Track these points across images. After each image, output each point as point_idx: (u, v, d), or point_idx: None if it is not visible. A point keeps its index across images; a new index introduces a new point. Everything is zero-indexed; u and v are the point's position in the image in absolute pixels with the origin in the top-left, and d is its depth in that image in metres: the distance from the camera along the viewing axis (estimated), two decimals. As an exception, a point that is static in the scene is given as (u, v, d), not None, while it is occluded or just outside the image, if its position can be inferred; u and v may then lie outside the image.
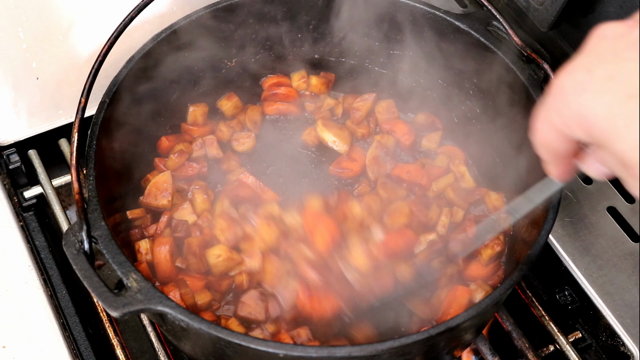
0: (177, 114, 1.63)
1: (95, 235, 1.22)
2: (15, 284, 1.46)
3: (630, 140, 0.78)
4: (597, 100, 0.81)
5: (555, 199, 1.28)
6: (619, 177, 0.85)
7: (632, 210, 1.59)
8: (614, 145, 0.81)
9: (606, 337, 1.47)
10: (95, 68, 1.33)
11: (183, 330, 1.19)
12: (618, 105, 0.79)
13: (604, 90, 0.80)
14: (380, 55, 1.69)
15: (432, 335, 1.15)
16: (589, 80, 0.81)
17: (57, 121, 1.70)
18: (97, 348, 1.46)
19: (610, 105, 0.80)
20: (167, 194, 1.51)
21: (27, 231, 1.59)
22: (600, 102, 0.80)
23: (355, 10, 1.62)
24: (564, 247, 1.53)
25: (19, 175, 1.67)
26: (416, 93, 1.69)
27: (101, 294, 1.14)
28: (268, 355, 1.14)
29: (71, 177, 1.23)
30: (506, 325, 1.45)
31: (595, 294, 1.47)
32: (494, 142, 1.54)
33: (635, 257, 1.52)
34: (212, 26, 1.57)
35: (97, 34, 1.62)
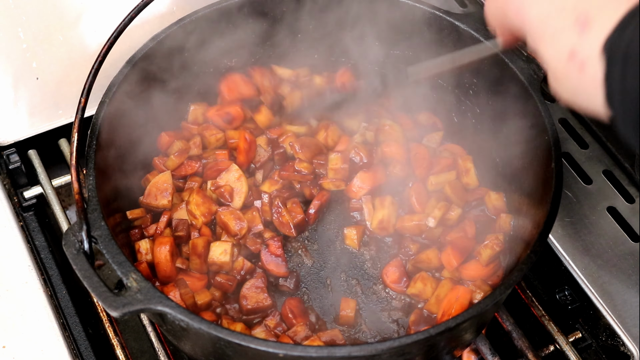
0: (177, 113, 1.63)
1: (95, 235, 1.22)
2: (15, 284, 1.46)
3: (553, 50, 0.85)
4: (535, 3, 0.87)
5: (555, 199, 1.28)
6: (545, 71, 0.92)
7: (632, 210, 1.59)
8: (541, 49, 0.87)
9: (606, 337, 1.47)
10: (95, 68, 1.33)
11: (183, 330, 1.19)
12: (551, 15, 0.84)
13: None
14: (380, 55, 1.69)
15: (432, 335, 1.15)
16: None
17: (57, 121, 1.70)
18: (97, 348, 1.46)
19: (544, 13, 0.85)
20: (167, 194, 1.51)
21: (27, 231, 1.59)
22: (538, 6, 0.86)
23: (355, 11, 1.62)
24: (564, 247, 1.53)
25: (19, 175, 1.67)
26: (416, 93, 1.69)
27: (101, 294, 1.14)
28: (268, 355, 1.14)
29: (71, 177, 1.23)
30: (506, 325, 1.45)
31: (595, 294, 1.47)
32: (494, 142, 1.54)
33: (635, 257, 1.51)
34: (212, 26, 1.57)
35: (97, 34, 1.62)
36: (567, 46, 0.82)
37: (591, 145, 1.71)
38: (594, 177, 1.65)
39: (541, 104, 1.39)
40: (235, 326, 1.37)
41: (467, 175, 1.57)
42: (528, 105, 1.41)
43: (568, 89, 0.86)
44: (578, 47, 0.81)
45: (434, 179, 1.55)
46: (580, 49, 0.81)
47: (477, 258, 1.45)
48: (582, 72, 0.81)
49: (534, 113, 1.40)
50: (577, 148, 1.71)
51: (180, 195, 1.55)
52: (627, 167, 1.66)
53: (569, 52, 0.82)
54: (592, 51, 0.79)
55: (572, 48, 0.82)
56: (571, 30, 0.81)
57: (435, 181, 1.55)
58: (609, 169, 1.67)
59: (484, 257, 1.44)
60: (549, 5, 0.84)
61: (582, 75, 0.82)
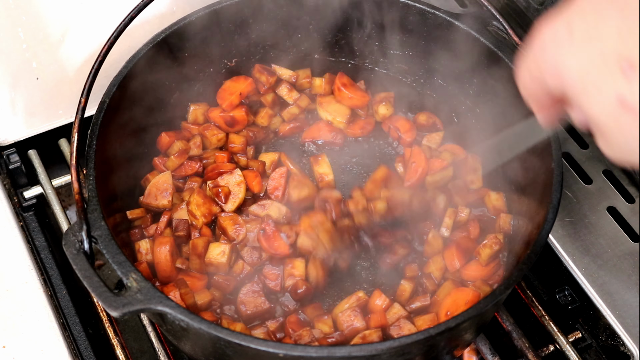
0: (177, 113, 1.63)
1: (95, 235, 1.22)
2: (15, 284, 1.46)
3: (598, 102, 0.79)
4: (572, 57, 0.81)
5: (555, 199, 1.28)
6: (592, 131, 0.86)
7: (632, 210, 1.59)
8: (583, 104, 0.82)
9: (606, 337, 1.47)
10: (95, 68, 1.33)
11: (183, 330, 1.19)
12: (591, 65, 0.79)
13: (580, 48, 0.80)
14: (380, 55, 1.69)
15: (432, 335, 1.15)
16: (567, 36, 0.81)
17: (57, 121, 1.70)
18: (97, 348, 1.46)
19: (583, 65, 0.80)
20: (167, 194, 1.51)
21: (27, 231, 1.59)
22: (575, 60, 0.81)
23: (354, 10, 1.63)
24: (564, 247, 1.53)
25: (19, 175, 1.67)
26: (416, 93, 1.69)
27: (101, 294, 1.14)
28: (268, 355, 1.14)
29: (71, 177, 1.23)
30: (506, 325, 1.45)
31: (595, 294, 1.47)
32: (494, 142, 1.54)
33: (635, 257, 1.52)
34: (212, 26, 1.57)
35: (97, 34, 1.62)
36: (615, 94, 0.77)
37: (591, 145, 1.71)
38: (594, 177, 1.65)
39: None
40: (235, 326, 1.37)
41: (474, 174, 1.57)
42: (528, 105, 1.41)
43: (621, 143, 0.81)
44: (627, 94, 0.76)
45: (430, 178, 1.55)
46: (629, 94, 0.76)
47: (477, 258, 1.46)
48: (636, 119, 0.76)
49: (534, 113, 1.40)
50: (577, 148, 1.71)
51: (181, 195, 1.55)
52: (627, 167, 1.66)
53: (617, 101, 0.77)
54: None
55: (621, 95, 0.77)
56: (617, 77, 0.77)
57: (432, 180, 1.55)
58: (609, 169, 1.67)
59: (483, 257, 1.44)
60: (588, 55, 0.79)
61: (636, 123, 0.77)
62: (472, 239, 1.49)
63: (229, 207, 1.52)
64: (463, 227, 1.52)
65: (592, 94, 0.80)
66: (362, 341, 1.32)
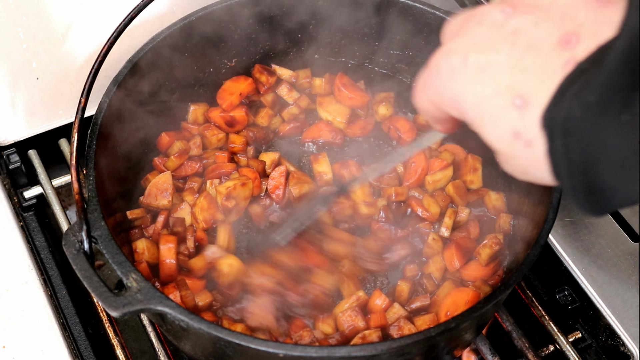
0: (177, 114, 1.63)
1: (95, 235, 1.22)
2: (15, 284, 1.46)
3: (496, 134, 0.82)
4: (468, 90, 0.83)
5: (555, 199, 1.29)
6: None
7: (632, 210, 1.59)
8: (483, 134, 0.85)
9: (606, 337, 1.47)
10: (95, 68, 1.33)
11: (183, 330, 1.19)
12: (486, 99, 0.81)
13: (475, 81, 0.82)
14: (380, 55, 1.69)
15: (432, 335, 1.15)
16: (462, 68, 0.83)
17: (57, 121, 1.70)
18: (97, 348, 1.46)
19: (479, 98, 0.82)
20: (167, 194, 1.51)
21: (27, 231, 1.59)
22: (471, 93, 0.82)
23: (354, 10, 1.62)
24: (564, 247, 1.53)
25: (19, 175, 1.67)
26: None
27: (101, 294, 1.14)
28: (268, 355, 1.14)
29: (71, 177, 1.23)
30: (506, 325, 1.45)
31: (595, 294, 1.47)
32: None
33: (635, 257, 1.52)
34: (212, 26, 1.57)
35: (97, 34, 1.62)
36: (510, 128, 0.80)
37: (591, 145, 1.71)
38: (594, 177, 1.65)
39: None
40: (236, 327, 1.37)
41: (474, 174, 1.57)
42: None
43: (519, 167, 0.84)
44: (521, 128, 0.79)
45: (430, 178, 1.55)
46: (522, 129, 0.79)
47: (477, 258, 1.46)
48: (531, 151, 0.79)
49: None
50: (577, 148, 1.71)
51: (181, 195, 1.55)
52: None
53: (512, 134, 0.80)
54: (535, 129, 0.78)
55: (515, 129, 0.79)
56: (510, 111, 0.79)
57: (432, 180, 1.55)
58: (609, 169, 1.67)
59: (483, 257, 1.44)
60: (483, 90, 0.81)
61: (531, 154, 0.80)
62: (472, 239, 1.49)
63: (232, 217, 1.52)
64: (463, 227, 1.52)
65: (488, 126, 0.83)
66: (362, 341, 1.32)
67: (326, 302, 1.41)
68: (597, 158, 0.74)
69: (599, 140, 0.73)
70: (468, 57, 0.82)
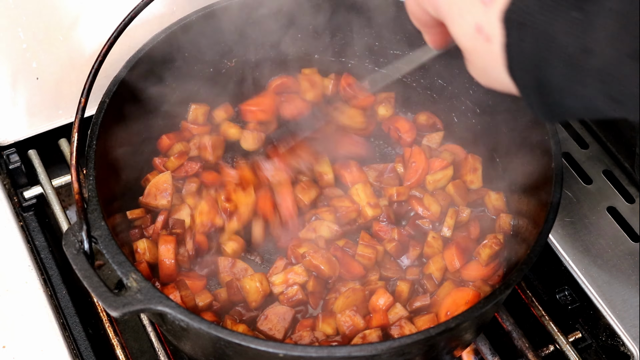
0: (177, 113, 1.63)
1: (95, 235, 1.22)
2: (15, 284, 1.46)
3: (461, 26, 0.87)
4: None
5: (555, 199, 1.29)
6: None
7: (632, 210, 1.59)
8: (451, 28, 0.89)
9: (606, 337, 1.47)
10: (95, 68, 1.33)
11: (183, 330, 1.19)
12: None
13: None
14: (380, 55, 1.69)
15: (432, 335, 1.15)
16: None
17: (57, 121, 1.70)
18: (97, 348, 1.46)
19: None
20: (166, 194, 1.51)
21: (27, 231, 1.59)
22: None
23: (355, 10, 1.62)
24: (564, 247, 1.53)
25: (19, 175, 1.67)
26: (416, 93, 1.69)
27: (101, 294, 1.14)
28: (268, 355, 1.14)
29: (71, 177, 1.23)
30: (506, 325, 1.45)
31: (595, 294, 1.47)
32: (493, 142, 1.54)
33: (635, 257, 1.52)
34: (212, 26, 1.57)
35: (97, 34, 1.62)
36: (473, 22, 0.85)
37: (591, 145, 1.71)
38: (594, 177, 1.65)
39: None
40: (238, 327, 1.37)
41: (474, 174, 1.57)
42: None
43: (479, 66, 0.89)
44: (483, 22, 0.83)
45: (430, 177, 1.55)
46: (485, 23, 0.83)
47: (477, 258, 1.46)
48: (489, 46, 0.84)
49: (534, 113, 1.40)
50: (577, 148, 1.71)
51: (181, 196, 1.55)
52: (627, 167, 1.66)
53: (475, 28, 0.85)
54: (497, 24, 0.82)
55: (478, 23, 0.84)
56: (476, 6, 0.84)
57: (433, 179, 1.55)
58: (609, 169, 1.67)
59: (483, 257, 1.44)
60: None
61: (489, 49, 0.84)
62: (472, 239, 1.49)
63: (232, 225, 1.50)
64: (463, 227, 1.52)
65: (455, 19, 0.88)
66: (362, 341, 1.32)
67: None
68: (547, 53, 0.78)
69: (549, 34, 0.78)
70: None
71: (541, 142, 1.38)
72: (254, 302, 1.41)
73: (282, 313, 1.39)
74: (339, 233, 1.49)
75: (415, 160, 1.57)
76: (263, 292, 1.41)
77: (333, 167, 1.60)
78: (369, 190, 1.54)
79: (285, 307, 1.40)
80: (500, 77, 0.86)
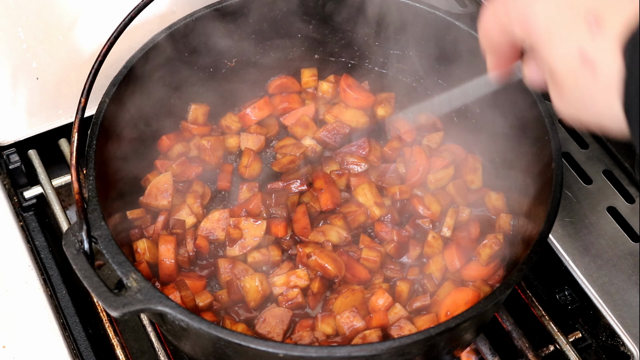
0: (177, 113, 1.63)
1: (95, 235, 1.22)
2: (15, 284, 1.46)
3: (561, 53, 0.80)
4: (542, 6, 0.82)
5: (555, 199, 1.29)
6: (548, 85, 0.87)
7: (632, 210, 1.59)
8: (547, 53, 0.82)
9: (606, 337, 1.47)
10: (95, 68, 1.33)
11: (183, 330, 1.19)
12: (559, 16, 0.80)
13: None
14: (380, 55, 1.69)
15: (432, 335, 1.15)
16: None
17: (57, 121, 1.70)
18: (97, 348, 1.46)
19: (551, 14, 0.80)
20: (167, 194, 1.51)
21: (27, 231, 1.59)
22: (544, 8, 0.81)
23: (355, 11, 1.62)
24: (564, 247, 1.53)
25: (19, 175, 1.67)
26: (416, 93, 1.69)
27: (101, 294, 1.14)
28: (268, 355, 1.14)
29: (71, 177, 1.23)
30: (506, 325, 1.45)
31: (595, 294, 1.47)
32: (493, 142, 1.54)
33: (635, 257, 1.52)
34: (211, 26, 1.57)
35: (97, 34, 1.62)
36: (577, 49, 0.77)
37: (591, 145, 1.71)
38: (594, 177, 1.65)
39: (541, 104, 1.39)
40: (237, 327, 1.37)
41: (474, 174, 1.57)
42: (528, 106, 1.41)
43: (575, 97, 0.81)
44: (590, 49, 0.76)
45: (432, 176, 1.55)
46: (592, 51, 0.76)
47: (477, 258, 1.46)
48: (593, 74, 0.76)
49: (533, 113, 1.40)
50: (577, 148, 1.71)
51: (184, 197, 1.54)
52: (627, 167, 1.66)
53: (579, 55, 0.77)
54: (604, 50, 0.75)
55: (583, 50, 0.77)
56: (581, 30, 0.76)
57: (434, 178, 1.55)
58: (609, 169, 1.67)
59: (483, 257, 1.44)
60: (557, 5, 0.79)
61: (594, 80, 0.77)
62: (472, 239, 1.49)
63: (234, 251, 1.48)
64: (463, 227, 1.52)
65: (555, 44, 0.81)
66: (362, 341, 1.32)
67: None
68: None
69: None
70: None
71: (541, 142, 1.38)
72: (253, 302, 1.41)
73: (279, 315, 1.39)
74: (347, 240, 1.49)
75: (417, 160, 1.57)
76: (263, 292, 1.41)
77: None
78: (374, 190, 1.54)
79: (282, 308, 1.40)
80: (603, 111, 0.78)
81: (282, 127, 1.69)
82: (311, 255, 1.43)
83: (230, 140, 1.64)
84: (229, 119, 1.67)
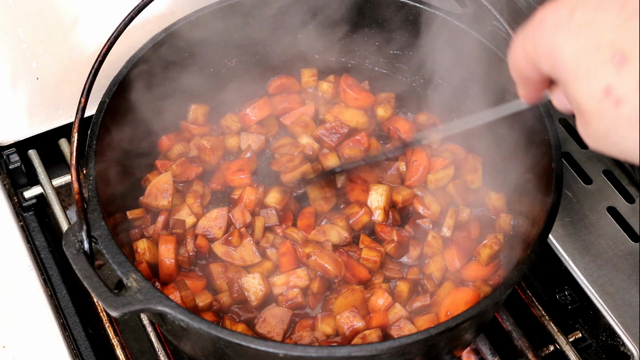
0: (177, 113, 1.63)
1: (95, 235, 1.22)
2: (15, 284, 1.46)
3: (586, 88, 0.82)
4: (569, 42, 0.84)
5: (555, 199, 1.29)
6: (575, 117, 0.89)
7: (632, 210, 1.59)
8: (573, 89, 0.84)
9: (606, 337, 1.47)
10: (95, 68, 1.33)
11: (183, 330, 1.19)
12: (585, 52, 0.81)
13: (578, 34, 0.83)
14: (380, 55, 1.69)
15: (432, 335, 1.15)
16: (567, 22, 0.84)
17: (57, 121, 1.70)
18: (97, 348, 1.46)
19: (578, 50, 0.82)
20: (167, 194, 1.51)
21: (27, 231, 1.59)
22: (571, 45, 0.83)
23: (354, 10, 1.63)
24: (564, 247, 1.53)
25: (19, 175, 1.67)
26: (416, 93, 1.69)
27: (101, 294, 1.14)
28: (268, 355, 1.14)
29: (71, 177, 1.23)
30: (506, 325, 1.45)
31: (595, 294, 1.47)
32: (493, 142, 1.54)
33: (635, 257, 1.52)
34: (211, 26, 1.57)
35: (97, 34, 1.62)
36: (602, 83, 0.80)
37: (591, 146, 1.71)
38: (594, 177, 1.65)
39: (541, 104, 1.39)
40: (237, 327, 1.37)
41: (474, 174, 1.57)
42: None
43: (600, 130, 0.83)
44: (614, 84, 0.79)
45: (432, 176, 1.55)
46: (616, 85, 0.78)
47: (477, 258, 1.46)
48: (618, 110, 0.79)
49: (534, 113, 1.40)
50: (577, 148, 1.71)
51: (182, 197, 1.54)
52: (627, 167, 1.66)
53: (604, 90, 0.80)
54: (629, 87, 0.77)
55: (608, 85, 0.79)
56: (607, 67, 0.79)
57: (434, 178, 1.55)
58: (609, 169, 1.67)
59: (483, 257, 1.44)
60: (584, 42, 0.81)
61: (618, 113, 0.79)
62: (472, 239, 1.49)
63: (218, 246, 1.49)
64: (463, 227, 1.52)
65: (581, 80, 0.83)
66: (362, 341, 1.32)
67: None
68: None
69: None
70: (575, 12, 0.83)
71: (541, 142, 1.38)
72: (255, 301, 1.41)
73: (279, 315, 1.39)
74: (347, 240, 1.49)
75: (417, 159, 1.57)
76: (263, 292, 1.41)
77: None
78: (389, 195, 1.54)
79: (282, 308, 1.40)
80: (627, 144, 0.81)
81: (282, 127, 1.69)
82: (311, 255, 1.43)
83: (230, 140, 1.64)
84: (229, 119, 1.67)
